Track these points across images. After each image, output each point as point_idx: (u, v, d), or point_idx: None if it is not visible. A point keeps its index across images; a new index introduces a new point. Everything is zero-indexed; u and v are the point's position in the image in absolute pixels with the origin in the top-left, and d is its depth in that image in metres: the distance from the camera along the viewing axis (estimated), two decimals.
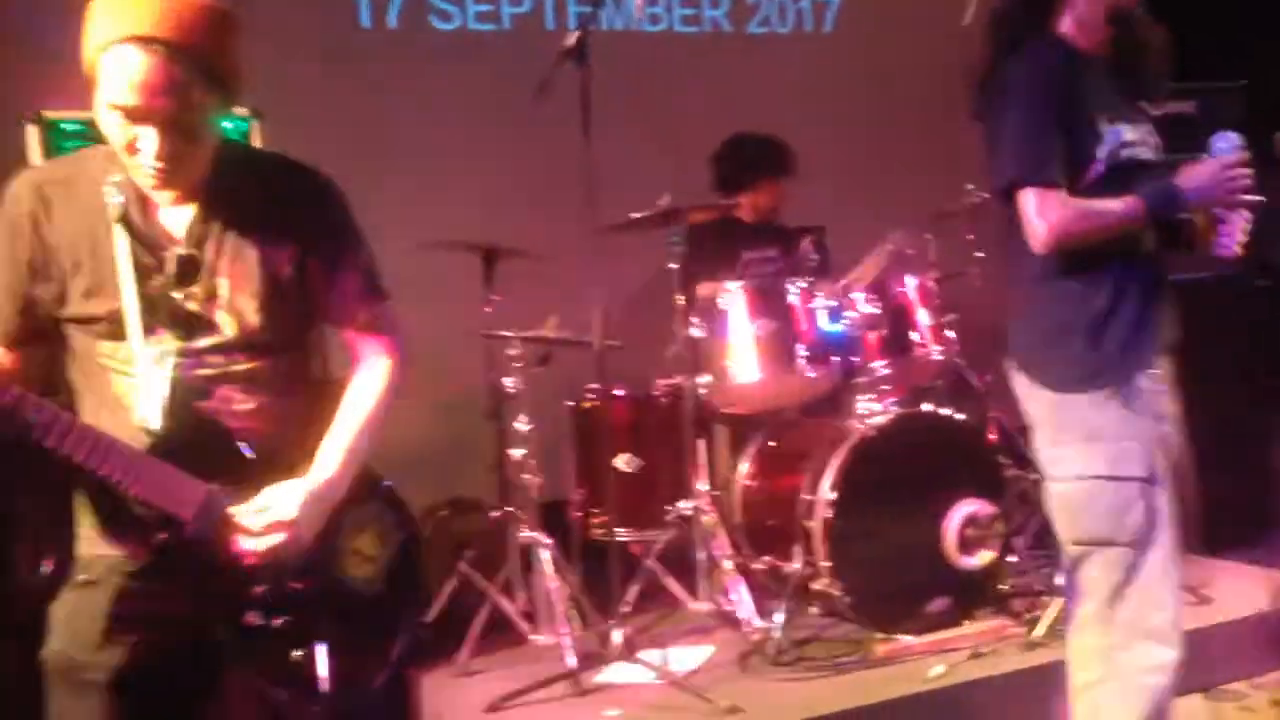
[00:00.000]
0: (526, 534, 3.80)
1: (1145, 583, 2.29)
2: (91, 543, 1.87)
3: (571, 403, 4.07)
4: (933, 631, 3.46)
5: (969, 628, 3.49)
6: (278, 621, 1.84)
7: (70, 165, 1.95)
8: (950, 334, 3.84)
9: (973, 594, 3.56)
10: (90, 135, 3.26)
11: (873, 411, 3.66)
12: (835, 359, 3.69)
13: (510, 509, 3.89)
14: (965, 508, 3.52)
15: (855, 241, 4.14)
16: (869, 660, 3.37)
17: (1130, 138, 2.34)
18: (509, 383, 3.89)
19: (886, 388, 3.76)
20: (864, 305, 3.69)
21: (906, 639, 3.43)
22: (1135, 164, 2.34)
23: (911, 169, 5.05)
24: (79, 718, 1.84)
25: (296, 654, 1.84)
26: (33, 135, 3.32)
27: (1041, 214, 2.27)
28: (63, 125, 3.27)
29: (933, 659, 3.31)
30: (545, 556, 3.72)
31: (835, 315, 3.69)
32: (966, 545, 3.51)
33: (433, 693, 3.48)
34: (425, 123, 4.57)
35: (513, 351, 3.89)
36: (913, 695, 3.14)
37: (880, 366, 3.72)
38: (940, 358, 3.81)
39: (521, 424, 3.87)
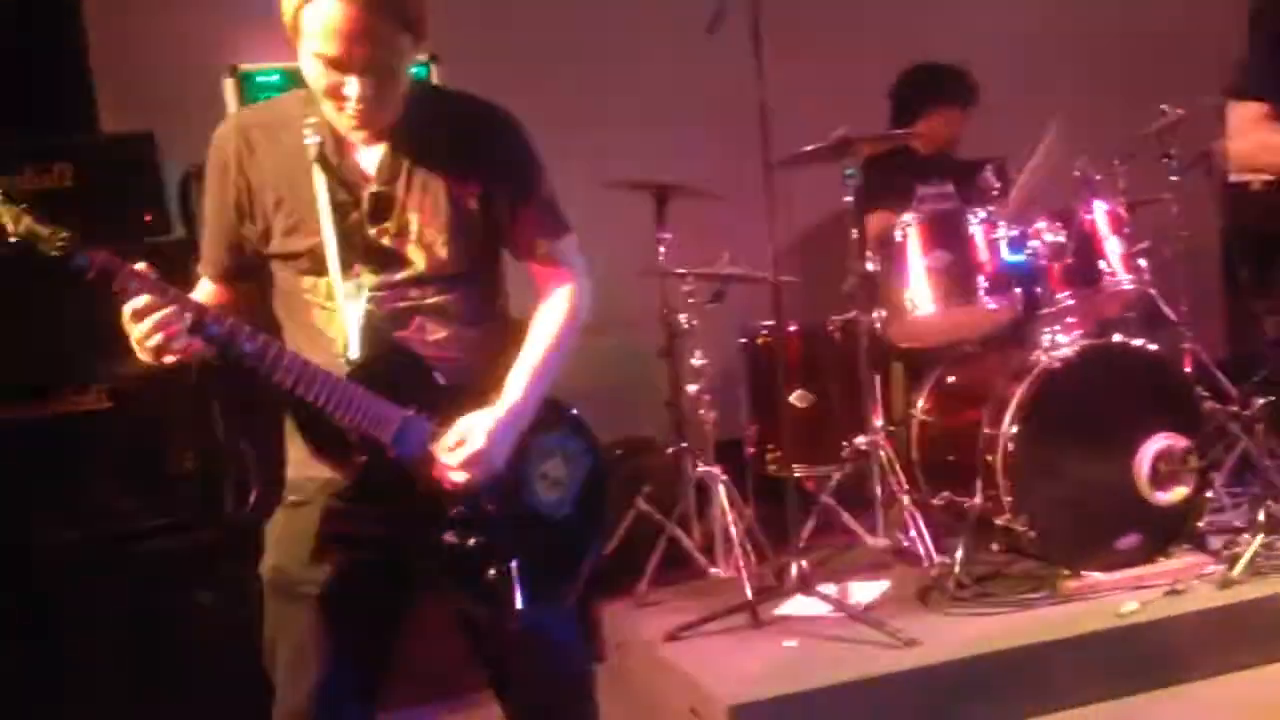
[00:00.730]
0: (702, 469, 3.84)
1: None
2: (300, 466, 1.99)
3: (745, 339, 4.08)
4: (1123, 568, 3.36)
5: (1163, 565, 3.38)
6: (473, 541, 1.91)
7: (271, 109, 2.05)
8: (1142, 263, 3.68)
9: (1166, 531, 3.43)
10: (283, 86, 3.43)
11: (1058, 343, 3.54)
12: (1017, 290, 3.58)
13: (685, 445, 3.94)
14: (1158, 442, 3.38)
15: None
16: (1055, 596, 3.30)
17: None
18: (682, 320, 3.92)
19: (1072, 319, 3.62)
20: (1048, 234, 3.56)
21: (1096, 575, 3.34)
22: None
23: (1098, 93, 4.83)
24: (292, 627, 1.97)
25: (492, 572, 1.91)
26: (230, 88, 3.48)
27: None
28: (258, 77, 3.42)
29: (1123, 596, 3.22)
30: (721, 491, 3.75)
31: (1017, 245, 3.57)
32: (1159, 480, 3.38)
33: (613, 622, 3.59)
34: (594, 59, 4.59)
35: (686, 288, 3.92)
36: (1103, 631, 3.07)
37: (1066, 297, 3.59)
38: (1131, 288, 3.66)
39: (695, 361, 3.90)
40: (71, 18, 3.90)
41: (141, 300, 1.74)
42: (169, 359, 1.79)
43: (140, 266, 1.76)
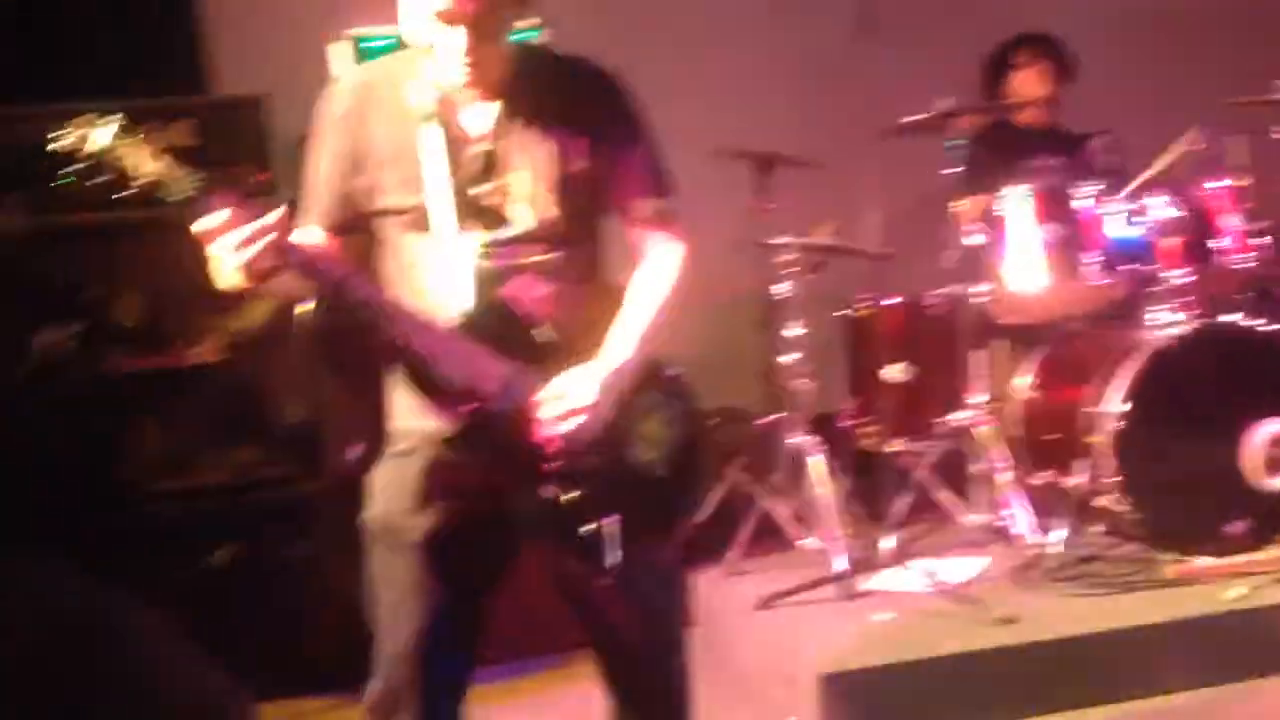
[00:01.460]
0: (796, 440, 3.82)
1: None
2: (406, 416, 2.02)
3: (844, 311, 4.04)
4: (1230, 554, 3.26)
5: (1271, 551, 3.27)
6: (571, 495, 1.93)
7: (385, 66, 2.08)
8: (1262, 241, 3.55)
9: (1276, 517, 3.32)
10: (393, 52, 3.47)
11: (1169, 322, 3.44)
12: (1127, 266, 3.49)
13: (780, 416, 3.92)
14: (1272, 426, 3.28)
15: (1150, 145, 3.89)
16: (1158, 580, 3.22)
17: None
18: (780, 290, 3.90)
19: (1185, 298, 3.51)
20: (1161, 210, 3.46)
21: (1202, 560, 3.25)
22: None
23: (1213, 67, 4.67)
24: (395, 574, 2.01)
25: (590, 527, 1.93)
26: (342, 53, 3.55)
27: None
28: (369, 42, 3.47)
29: (1230, 582, 3.13)
30: (815, 462, 3.73)
31: (1129, 220, 3.48)
32: (1272, 466, 3.27)
33: (703, 589, 3.60)
34: (699, 26, 4.57)
35: (785, 258, 3.89)
36: (1209, 616, 2.99)
37: (1178, 275, 3.48)
38: (1249, 266, 3.54)
39: (793, 332, 3.87)
40: None
41: (248, 228, 1.75)
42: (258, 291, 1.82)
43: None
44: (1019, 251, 3.56)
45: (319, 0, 4.01)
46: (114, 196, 1.76)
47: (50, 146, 1.75)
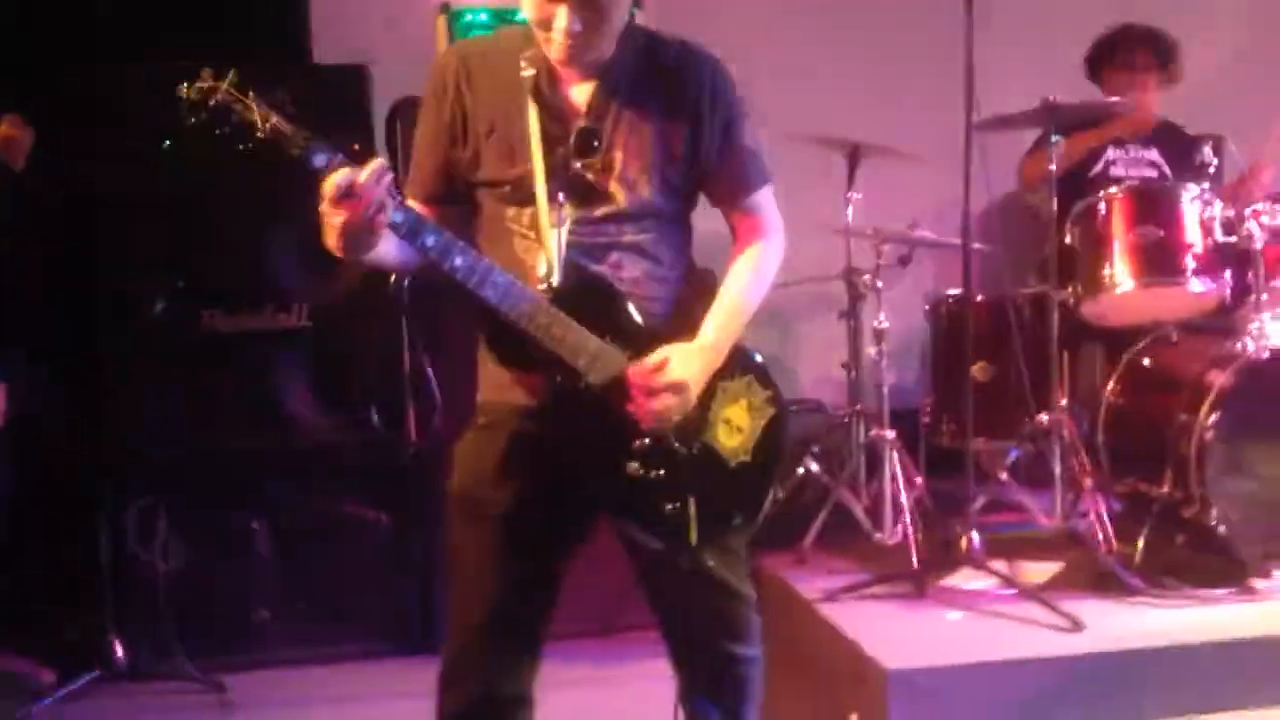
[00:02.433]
0: (874, 433, 3.80)
1: None
2: (492, 389, 2.05)
3: (930, 306, 4.00)
4: None
5: None
6: (655, 474, 1.94)
7: (490, 41, 2.11)
8: None
9: None
10: (490, 25, 3.51)
11: (1267, 333, 3.35)
12: (1227, 273, 3.40)
13: (859, 408, 3.90)
14: None
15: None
16: (1241, 594, 3.15)
17: None
18: (867, 281, 3.87)
19: None
20: (1267, 217, 3.35)
21: None
22: None
23: None
24: (474, 544, 2.04)
25: (670, 506, 1.94)
26: (440, 24, 3.58)
27: None
28: (467, 15, 3.50)
29: None
30: (893, 457, 3.70)
31: (1232, 226, 3.39)
32: None
33: (774, 578, 3.59)
34: (796, 11, 4.54)
35: (873, 249, 3.85)
36: None
37: None
38: None
39: (877, 324, 3.84)
40: None
41: (353, 179, 1.75)
42: (363, 253, 1.84)
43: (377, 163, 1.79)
44: (1114, 251, 3.48)
45: None
46: (240, 147, 1.79)
47: (180, 94, 1.79)
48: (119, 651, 3.34)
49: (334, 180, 1.76)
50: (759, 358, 2.10)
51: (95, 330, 3.46)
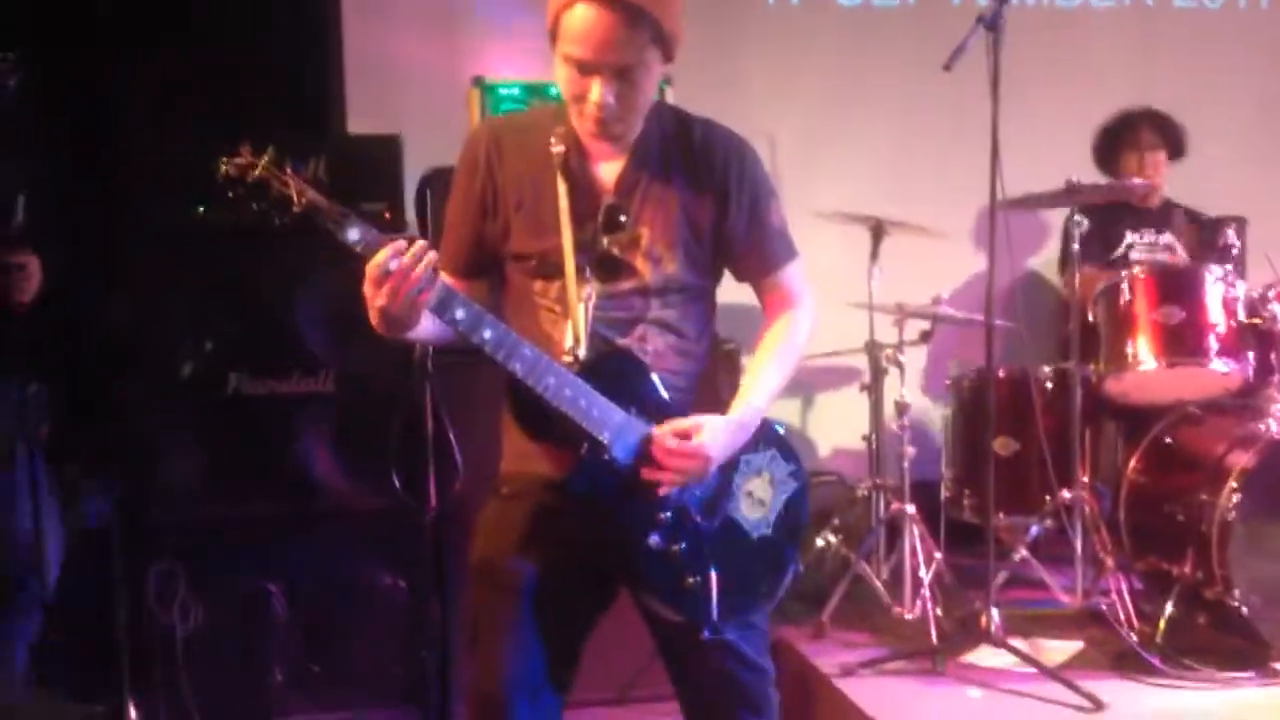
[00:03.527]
0: (895, 507, 3.79)
1: None
2: (516, 460, 2.06)
3: (952, 380, 4.01)
4: None
5: None
6: (677, 547, 1.95)
7: (523, 117, 2.17)
8: None
9: None
10: (522, 98, 3.58)
11: None
12: (1250, 354, 3.41)
13: (879, 481, 3.90)
14: None
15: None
16: (1263, 677, 3.12)
17: None
18: (889, 355, 3.89)
19: None
20: None
21: None
22: None
23: None
24: (493, 615, 2.04)
25: (691, 580, 1.95)
26: (474, 97, 3.65)
27: None
28: (499, 89, 3.57)
29: None
30: (913, 531, 3.69)
31: (1255, 307, 3.40)
32: None
33: (791, 651, 3.57)
34: (822, 90, 4.61)
35: (895, 323, 3.88)
36: None
37: None
38: None
39: (898, 398, 3.86)
40: (331, 28, 4.18)
41: (398, 261, 1.77)
42: (405, 330, 1.87)
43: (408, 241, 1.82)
44: (1139, 331, 3.50)
45: (454, 45, 4.16)
46: (277, 222, 1.83)
47: (221, 169, 1.82)
48: (133, 714, 3.33)
49: (377, 261, 1.78)
50: (781, 430, 2.11)
51: (119, 390, 3.50)
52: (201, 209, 3.37)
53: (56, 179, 3.29)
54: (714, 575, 1.95)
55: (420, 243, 1.81)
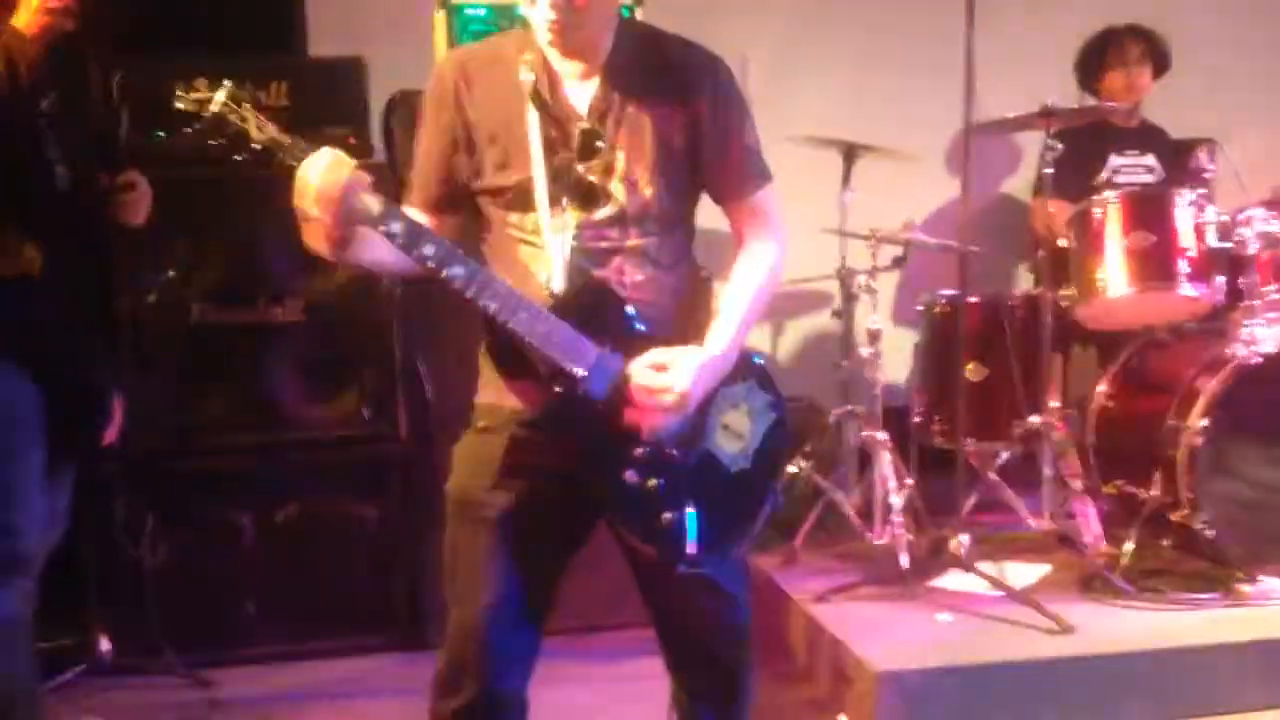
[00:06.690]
0: (866, 433, 3.80)
1: None
2: (491, 393, 2.03)
3: (924, 307, 4.00)
4: None
5: None
6: (653, 482, 1.93)
7: (489, 46, 2.09)
8: None
9: None
10: (489, 19, 3.48)
11: (1258, 338, 3.36)
12: (1220, 279, 3.41)
13: (850, 408, 3.90)
14: None
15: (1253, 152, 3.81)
16: (1227, 599, 3.17)
17: None
18: (860, 282, 3.87)
19: (1277, 314, 3.43)
20: (1262, 222, 3.37)
21: (1273, 581, 3.19)
22: None
23: None
24: (469, 547, 2.02)
25: (667, 515, 1.93)
26: (440, 21, 3.55)
27: None
28: (465, 9, 3.47)
29: None
30: (884, 457, 3.71)
31: (1226, 231, 3.40)
32: None
33: (763, 579, 3.60)
34: (794, 10, 4.53)
35: (867, 250, 3.85)
36: (1276, 639, 2.94)
37: (1274, 290, 3.41)
38: None
39: (870, 324, 3.85)
40: None
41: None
42: (343, 249, 1.86)
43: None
44: (1107, 255, 3.49)
45: None
46: (234, 158, 1.80)
47: (176, 105, 1.79)
48: (104, 646, 3.33)
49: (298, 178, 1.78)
50: (760, 361, 2.09)
51: None
52: (161, 134, 3.29)
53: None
54: (690, 510, 1.93)
55: (332, 154, 1.78)
